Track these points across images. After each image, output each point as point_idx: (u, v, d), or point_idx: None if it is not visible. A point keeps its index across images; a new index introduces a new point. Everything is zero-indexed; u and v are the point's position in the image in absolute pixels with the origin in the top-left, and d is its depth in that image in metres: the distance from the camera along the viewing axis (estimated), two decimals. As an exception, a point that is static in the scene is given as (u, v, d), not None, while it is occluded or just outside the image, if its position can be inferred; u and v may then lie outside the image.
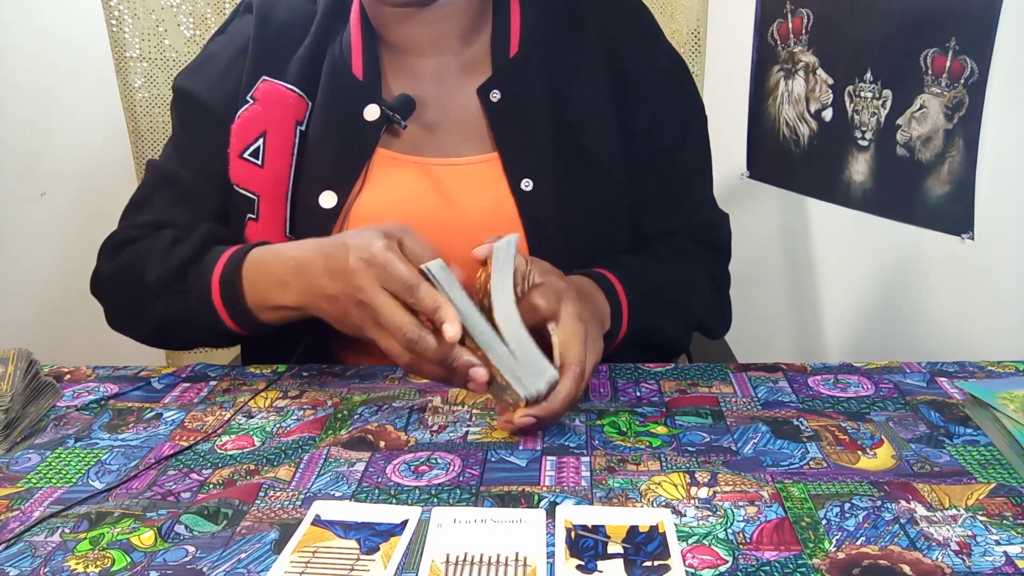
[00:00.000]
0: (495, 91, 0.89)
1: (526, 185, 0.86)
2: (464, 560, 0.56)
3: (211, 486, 0.66)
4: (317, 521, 0.61)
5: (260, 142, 0.87)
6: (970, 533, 0.58)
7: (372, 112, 0.87)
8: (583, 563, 0.56)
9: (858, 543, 0.57)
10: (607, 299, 0.83)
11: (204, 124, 0.90)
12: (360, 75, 0.89)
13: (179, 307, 0.83)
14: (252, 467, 0.69)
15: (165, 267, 0.83)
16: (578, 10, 0.92)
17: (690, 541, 0.58)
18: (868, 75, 1.13)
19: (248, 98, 0.88)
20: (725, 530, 0.59)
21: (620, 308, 0.84)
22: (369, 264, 0.70)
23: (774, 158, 1.32)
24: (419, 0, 0.86)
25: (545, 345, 0.72)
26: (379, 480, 0.66)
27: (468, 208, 0.87)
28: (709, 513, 0.61)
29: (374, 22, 0.91)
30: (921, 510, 0.60)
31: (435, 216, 0.87)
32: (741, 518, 0.60)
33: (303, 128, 0.88)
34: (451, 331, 0.66)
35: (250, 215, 0.87)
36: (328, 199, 0.86)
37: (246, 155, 0.87)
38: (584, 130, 0.89)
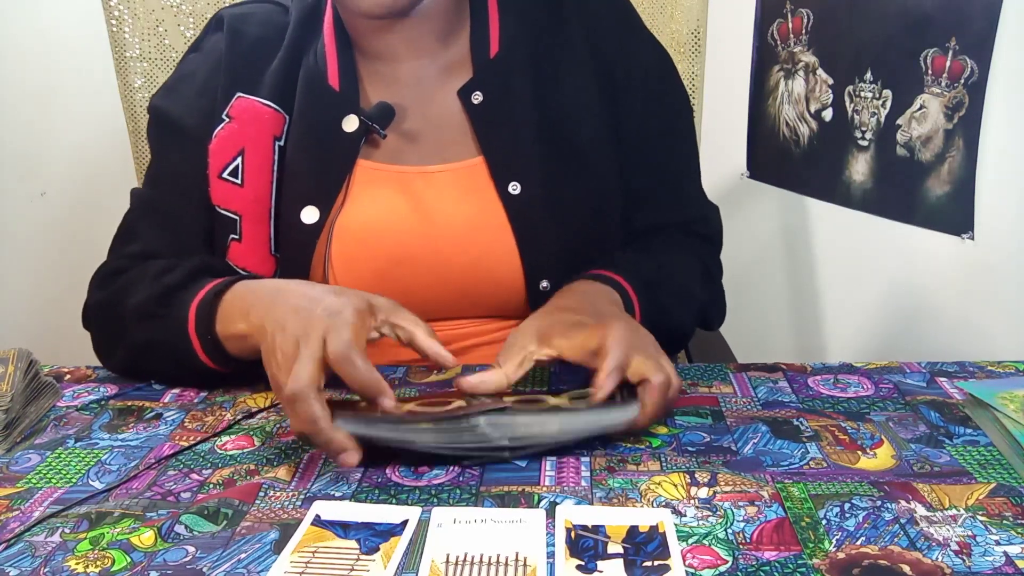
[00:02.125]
0: (477, 92, 0.87)
1: (513, 188, 0.85)
2: (464, 560, 0.56)
3: (211, 486, 0.66)
4: (317, 521, 0.61)
5: (239, 161, 0.86)
6: (970, 533, 0.58)
7: (351, 123, 0.86)
8: (583, 563, 0.56)
9: (858, 543, 0.57)
10: (619, 296, 0.82)
11: (182, 145, 0.89)
12: (336, 85, 0.87)
13: (154, 332, 0.80)
14: (252, 467, 0.69)
15: (149, 292, 0.81)
16: (559, 8, 0.91)
17: (690, 541, 0.58)
18: (868, 75, 1.13)
19: (224, 116, 0.87)
20: (725, 530, 0.59)
21: (630, 300, 0.83)
22: (330, 316, 0.67)
23: (774, 158, 1.32)
24: (398, 11, 0.84)
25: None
26: (379, 480, 0.66)
27: (455, 215, 0.86)
28: (709, 513, 0.61)
29: (350, 31, 0.89)
30: (921, 510, 0.60)
31: (421, 226, 0.86)
32: (741, 518, 0.60)
33: (282, 143, 0.87)
34: (388, 403, 0.65)
35: (233, 236, 0.86)
36: (310, 214, 0.85)
37: (225, 175, 0.86)
38: (571, 129, 0.88)
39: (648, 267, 0.87)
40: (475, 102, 0.87)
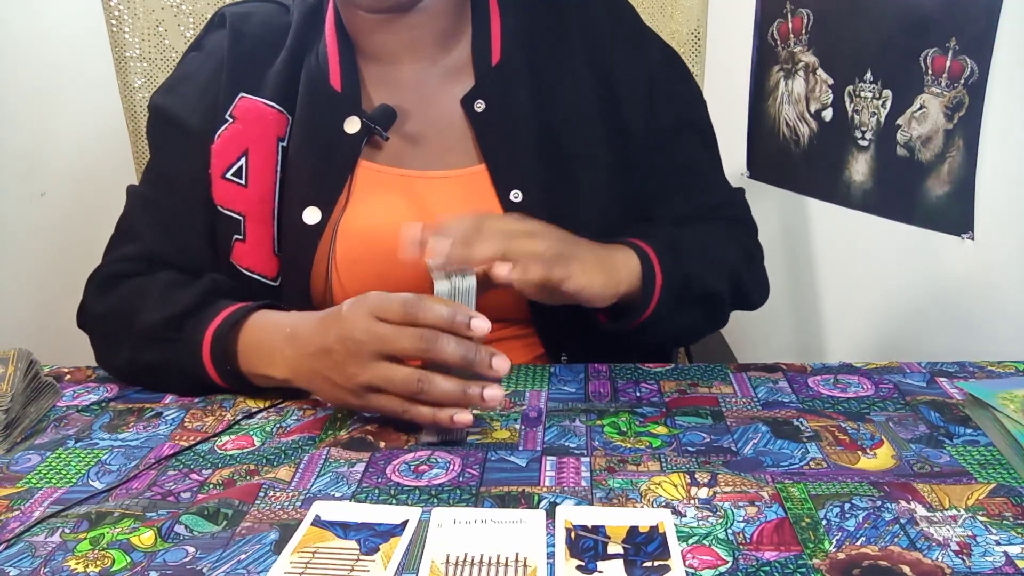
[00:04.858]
0: (479, 101, 0.87)
1: (515, 196, 0.85)
2: (464, 560, 0.56)
3: (211, 486, 0.66)
4: (317, 521, 0.61)
5: (242, 161, 0.86)
6: (970, 533, 0.58)
7: (353, 124, 0.86)
8: (583, 563, 0.56)
9: (858, 543, 0.57)
10: (636, 254, 0.80)
11: (183, 145, 0.88)
12: (338, 87, 0.87)
13: (168, 355, 0.80)
14: (252, 467, 0.69)
15: (162, 312, 0.81)
16: (560, 14, 0.91)
17: (690, 541, 0.58)
18: (868, 75, 1.13)
19: (227, 117, 0.87)
20: (725, 530, 0.59)
21: (650, 261, 0.81)
22: (362, 302, 0.71)
23: (774, 158, 1.32)
24: (399, 6, 0.84)
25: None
26: (379, 480, 0.66)
27: None
28: (709, 513, 0.61)
29: (350, 30, 0.89)
30: (921, 510, 0.60)
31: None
32: (741, 518, 0.60)
33: (284, 144, 0.87)
34: (483, 325, 0.67)
35: (236, 236, 0.86)
36: (312, 215, 0.85)
37: (229, 175, 0.86)
38: (572, 137, 0.88)
39: (673, 235, 0.85)
40: (477, 110, 0.87)
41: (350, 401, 0.72)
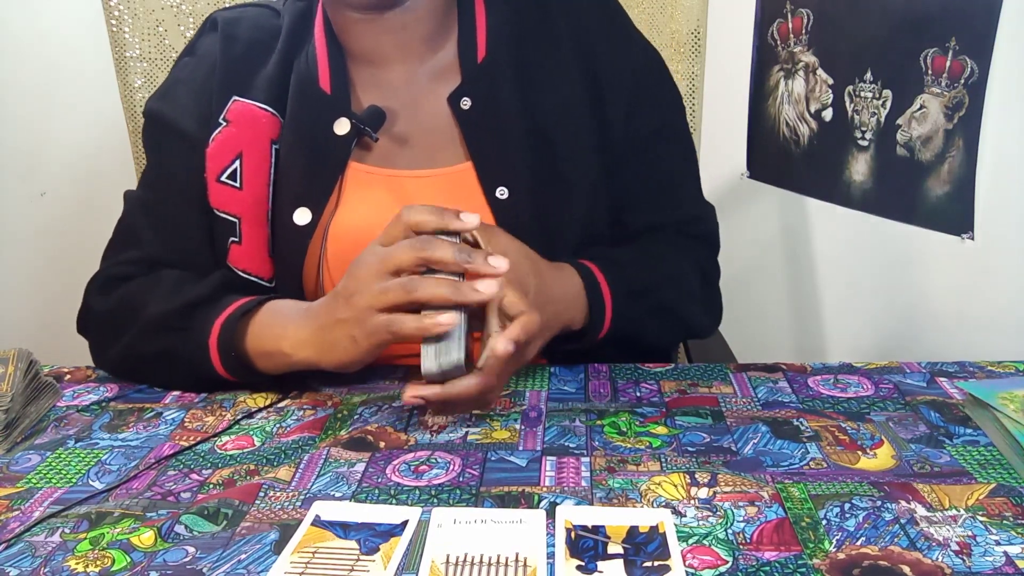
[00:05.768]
0: (465, 99, 0.87)
1: (501, 193, 0.85)
2: (464, 561, 0.56)
3: (211, 486, 0.66)
4: (317, 521, 0.61)
5: (237, 164, 0.86)
6: (970, 533, 0.58)
7: (342, 126, 0.86)
8: (583, 563, 0.56)
9: (858, 543, 0.57)
10: (588, 296, 0.83)
11: (179, 149, 0.89)
12: (327, 89, 0.88)
13: (171, 344, 0.80)
14: (252, 467, 0.69)
15: (173, 302, 0.81)
16: (546, 11, 0.91)
17: (690, 541, 0.58)
18: (868, 75, 1.13)
19: (221, 120, 0.87)
20: (725, 530, 0.59)
21: (603, 306, 0.83)
22: (371, 243, 0.73)
23: (774, 158, 1.32)
24: (383, 3, 0.84)
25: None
26: (379, 480, 0.66)
27: None
28: (709, 513, 0.61)
29: (337, 31, 0.89)
30: (921, 510, 0.60)
31: None
32: (741, 518, 0.60)
33: (278, 147, 0.87)
34: (472, 217, 0.70)
35: (232, 238, 0.86)
36: (302, 216, 0.86)
37: (224, 178, 0.86)
38: (558, 134, 0.88)
39: (635, 277, 0.87)
40: (464, 108, 0.87)
41: (355, 335, 0.71)
